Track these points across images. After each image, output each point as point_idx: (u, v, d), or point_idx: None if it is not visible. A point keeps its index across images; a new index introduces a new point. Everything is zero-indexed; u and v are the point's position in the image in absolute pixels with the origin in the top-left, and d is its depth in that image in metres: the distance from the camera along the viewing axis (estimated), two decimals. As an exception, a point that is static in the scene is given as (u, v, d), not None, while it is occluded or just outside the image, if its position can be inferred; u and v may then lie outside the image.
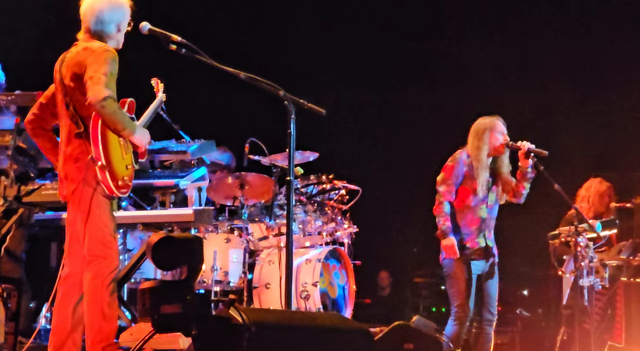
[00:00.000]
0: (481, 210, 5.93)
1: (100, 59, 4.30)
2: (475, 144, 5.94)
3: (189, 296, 3.39)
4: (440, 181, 5.92)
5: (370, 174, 9.13)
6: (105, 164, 4.31)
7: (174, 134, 6.41)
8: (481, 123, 6.02)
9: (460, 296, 5.81)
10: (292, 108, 4.48)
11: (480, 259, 5.90)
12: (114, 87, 4.32)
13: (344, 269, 6.98)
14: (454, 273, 5.85)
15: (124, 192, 4.48)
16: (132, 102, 4.67)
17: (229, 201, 7.04)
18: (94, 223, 4.36)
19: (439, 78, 10.30)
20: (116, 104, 4.28)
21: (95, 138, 4.30)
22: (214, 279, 6.46)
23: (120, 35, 4.57)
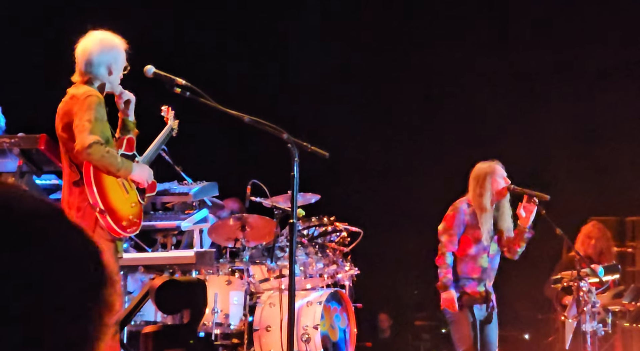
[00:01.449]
0: (482, 259, 5.93)
1: (84, 106, 4.34)
2: (477, 192, 5.92)
3: (192, 340, 3.37)
4: (442, 230, 5.91)
5: (371, 216, 9.12)
6: (103, 208, 4.31)
7: (176, 176, 6.41)
8: (481, 169, 6.01)
9: (466, 341, 5.79)
10: (296, 151, 4.50)
11: (481, 305, 5.89)
12: (102, 130, 4.35)
13: (345, 312, 6.94)
14: (458, 319, 5.83)
15: (132, 231, 4.49)
16: (130, 140, 4.69)
17: (230, 243, 7.02)
18: None
19: (439, 122, 10.36)
20: (103, 148, 4.29)
21: (89, 184, 4.32)
22: (214, 321, 6.40)
23: (114, 77, 4.57)
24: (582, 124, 9.91)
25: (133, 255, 6.00)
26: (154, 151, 5.03)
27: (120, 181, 4.50)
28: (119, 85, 4.64)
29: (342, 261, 7.07)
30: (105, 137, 4.43)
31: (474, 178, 6.00)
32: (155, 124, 5.22)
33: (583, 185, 9.72)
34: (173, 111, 5.25)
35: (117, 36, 4.65)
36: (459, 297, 5.83)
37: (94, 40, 4.56)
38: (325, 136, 9.82)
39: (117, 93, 4.65)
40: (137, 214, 4.55)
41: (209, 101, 4.60)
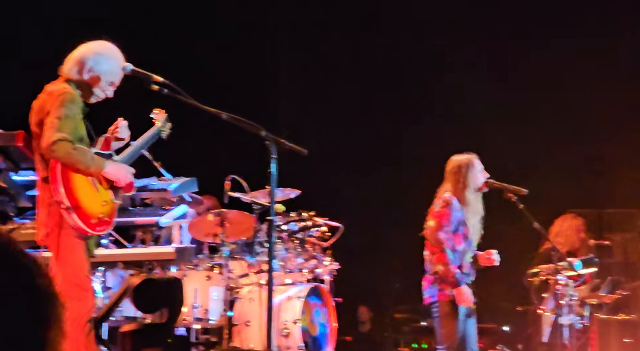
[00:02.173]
0: (468, 255, 5.95)
1: (56, 103, 4.35)
2: (460, 186, 5.91)
3: (170, 339, 3.38)
4: (436, 227, 5.82)
5: (351, 210, 9.14)
6: (69, 205, 4.30)
7: (155, 172, 6.40)
8: (460, 162, 5.99)
9: (451, 337, 5.80)
10: (274, 148, 4.52)
11: None
12: (72, 128, 4.34)
13: (325, 306, 6.96)
14: (447, 315, 5.82)
15: (101, 229, 4.48)
16: (107, 139, 4.69)
17: (210, 239, 7.03)
18: (68, 265, 4.36)
19: (419, 115, 10.38)
20: (69, 146, 4.28)
21: (54, 181, 4.32)
22: (194, 317, 6.42)
23: (98, 90, 4.57)
24: (562, 117, 9.97)
25: (112, 251, 5.98)
26: (135, 151, 5.02)
27: (91, 179, 4.48)
28: (98, 97, 4.61)
29: (322, 256, 7.10)
30: (78, 135, 4.42)
31: (453, 172, 5.96)
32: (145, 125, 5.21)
33: (561, 178, 9.79)
34: (166, 114, 5.23)
35: (122, 56, 4.63)
36: (451, 292, 5.82)
37: (97, 46, 4.57)
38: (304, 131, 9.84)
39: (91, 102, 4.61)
40: (108, 213, 4.54)
41: (187, 98, 4.61)
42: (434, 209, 5.92)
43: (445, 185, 6.00)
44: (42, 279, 1.22)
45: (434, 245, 5.83)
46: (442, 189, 6.02)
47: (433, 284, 5.89)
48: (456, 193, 5.90)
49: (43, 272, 1.23)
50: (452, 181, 5.95)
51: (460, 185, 5.90)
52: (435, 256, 5.82)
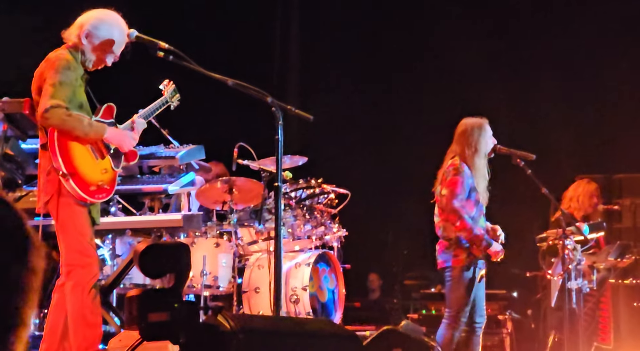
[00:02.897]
0: (481, 220, 5.94)
1: (52, 70, 4.34)
2: (470, 150, 5.86)
3: (177, 304, 3.38)
4: (450, 196, 5.76)
5: (359, 177, 9.13)
6: (66, 172, 4.29)
7: (163, 140, 6.40)
8: (471, 125, 5.93)
9: (460, 301, 5.81)
10: (280, 114, 4.50)
11: (483, 263, 5.91)
12: (68, 94, 4.32)
13: (334, 273, 6.99)
14: (459, 280, 5.83)
15: (101, 197, 4.47)
16: (109, 107, 4.67)
17: (218, 206, 7.04)
18: (69, 232, 4.36)
19: (427, 80, 10.33)
20: (63, 112, 4.26)
21: (52, 147, 4.31)
22: (203, 284, 6.46)
23: (96, 56, 4.54)
24: (570, 81, 9.90)
25: (120, 219, 6.02)
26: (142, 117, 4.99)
27: (90, 147, 4.47)
28: (96, 65, 4.58)
29: (330, 223, 7.10)
30: (77, 102, 4.40)
31: (465, 135, 5.90)
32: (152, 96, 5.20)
33: (570, 143, 9.74)
34: (174, 86, 5.21)
35: (126, 26, 4.60)
36: (466, 257, 5.83)
37: (98, 13, 4.56)
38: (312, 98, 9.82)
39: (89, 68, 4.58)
40: (108, 181, 4.53)
41: (192, 64, 4.58)
42: (445, 178, 5.86)
43: (455, 147, 5.95)
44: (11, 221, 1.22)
45: (450, 214, 5.78)
46: (450, 152, 5.98)
47: (447, 249, 5.87)
48: (466, 157, 5.85)
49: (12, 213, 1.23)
50: (463, 143, 5.88)
51: (472, 149, 5.86)
52: (454, 225, 5.78)
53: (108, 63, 4.61)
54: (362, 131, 10.42)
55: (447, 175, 5.85)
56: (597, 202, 7.71)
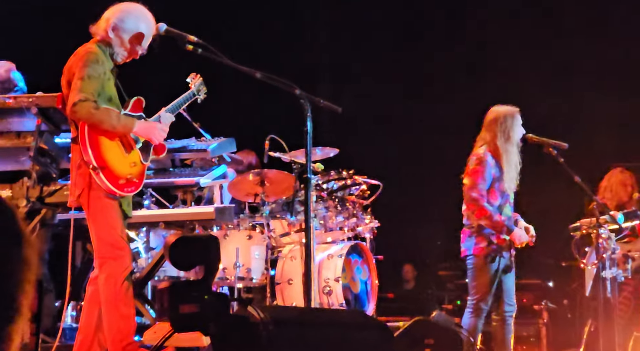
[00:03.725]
0: (506, 209, 5.93)
1: (80, 63, 4.37)
2: (502, 138, 5.86)
3: (207, 296, 3.41)
4: (470, 186, 5.82)
5: (391, 168, 9.12)
6: (96, 165, 4.33)
7: (195, 133, 6.44)
8: (504, 113, 5.92)
9: (482, 289, 5.83)
10: (308, 106, 4.50)
11: (506, 254, 5.90)
12: (96, 88, 4.34)
13: (366, 264, 6.99)
14: (480, 267, 5.85)
15: (130, 190, 4.49)
16: (137, 101, 4.69)
17: (250, 198, 7.07)
18: (101, 225, 4.40)
19: (459, 68, 10.28)
20: (91, 106, 4.28)
21: (83, 141, 4.35)
22: (236, 276, 6.50)
23: (125, 49, 4.56)
24: (607, 69, 9.79)
25: (154, 212, 6.07)
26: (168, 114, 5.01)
27: (119, 140, 4.50)
28: (123, 58, 4.61)
29: (362, 214, 7.10)
30: (106, 95, 4.42)
31: (497, 122, 5.89)
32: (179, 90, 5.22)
33: (607, 131, 9.64)
34: (201, 78, 5.22)
35: (153, 19, 4.63)
36: (487, 246, 5.84)
37: (125, 6, 4.58)
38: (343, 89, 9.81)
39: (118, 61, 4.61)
40: (136, 174, 4.55)
41: (221, 57, 4.60)
42: (468, 167, 5.90)
43: (485, 134, 5.94)
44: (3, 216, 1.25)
45: (470, 202, 5.82)
46: (480, 139, 5.97)
47: (470, 238, 5.92)
48: (497, 145, 5.85)
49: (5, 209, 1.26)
50: (495, 131, 5.88)
51: (505, 136, 5.86)
52: (474, 213, 5.82)
53: (136, 55, 4.64)
54: (394, 121, 10.39)
55: (470, 164, 5.88)
56: (631, 191, 7.63)
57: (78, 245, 6.62)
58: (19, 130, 5.50)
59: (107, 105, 4.41)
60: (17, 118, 5.44)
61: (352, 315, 4.45)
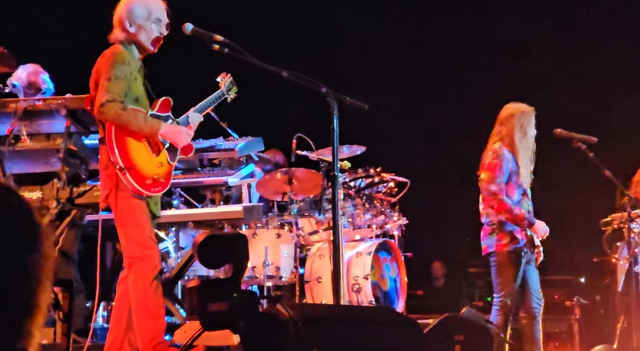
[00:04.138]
0: (525, 203, 5.90)
1: (106, 65, 4.39)
2: (519, 136, 5.85)
3: (236, 294, 3.42)
4: (488, 180, 5.80)
5: (418, 165, 9.09)
6: (123, 166, 4.34)
7: (222, 132, 6.46)
8: (520, 110, 5.93)
9: (507, 286, 5.79)
10: (335, 104, 4.50)
11: (530, 250, 5.87)
12: (123, 88, 4.36)
13: (395, 261, 6.98)
14: (505, 264, 5.83)
15: (157, 190, 4.50)
16: (165, 101, 4.70)
17: (278, 197, 7.08)
18: (128, 225, 4.42)
19: (487, 63, 10.22)
20: (118, 106, 4.30)
21: (110, 142, 4.36)
22: (266, 274, 6.51)
23: (144, 34, 4.56)
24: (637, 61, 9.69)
25: (183, 211, 6.10)
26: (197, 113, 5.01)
27: (146, 140, 4.52)
28: (155, 42, 4.61)
29: (390, 212, 7.09)
30: (133, 95, 4.44)
31: (513, 119, 5.89)
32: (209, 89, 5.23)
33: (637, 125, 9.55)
34: (231, 77, 5.23)
35: None
36: (509, 242, 5.82)
37: (124, 1, 4.59)
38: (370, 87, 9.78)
39: (152, 50, 4.63)
40: (163, 174, 4.56)
41: (247, 56, 4.60)
42: (484, 162, 5.88)
43: (500, 130, 5.92)
44: (21, 209, 1.27)
45: (488, 197, 5.79)
46: (495, 135, 5.95)
47: (491, 235, 5.89)
48: (512, 140, 5.84)
49: (22, 202, 1.28)
50: (511, 126, 5.87)
51: (522, 132, 5.85)
52: (494, 208, 5.79)
53: (164, 32, 4.61)
54: (420, 118, 10.36)
55: (486, 159, 5.86)
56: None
57: (108, 245, 6.66)
58: (49, 132, 5.54)
59: (134, 105, 4.43)
60: (47, 120, 5.49)
61: (382, 312, 4.44)
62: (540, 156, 6.07)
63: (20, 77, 5.85)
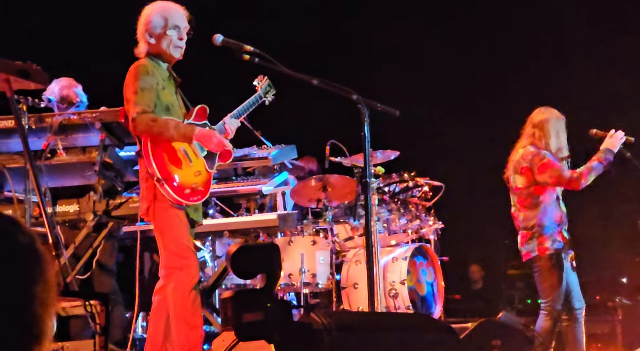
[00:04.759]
0: (561, 204, 5.85)
1: (131, 78, 4.42)
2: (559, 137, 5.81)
3: (269, 304, 3.44)
4: (556, 175, 5.71)
5: (453, 168, 9.04)
6: (160, 177, 4.37)
7: (256, 141, 6.49)
8: (556, 115, 5.87)
9: (554, 291, 5.72)
10: (365, 110, 4.51)
11: (570, 251, 5.82)
12: (150, 99, 4.38)
13: (431, 266, 6.96)
14: (549, 267, 5.75)
15: (196, 199, 4.51)
16: (201, 109, 4.71)
17: (313, 204, 7.10)
18: (167, 236, 4.43)
19: (519, 69, 10.15)
20: (149, 118, 4.32)
21: (146, 154, 4.38)
22: (302, 281, 6.53)
23: (165, 41, 4.56)
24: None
25: (218, 220, 6.13)
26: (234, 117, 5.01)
27: (183, 149, 4.53)
28: (175, 49, 4.62)
29: (426, 216, 7.08)
30: (163, 105, 4.45)
31: (548, 122, 5.83)
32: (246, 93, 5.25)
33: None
34: (268, 80, 5.21)
35: (165, 2, 4.64)
36: (551, 244, 5.75)
37: (145, 13, 4.63)
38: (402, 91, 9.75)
39: (176, 57, 4.66)
40: (202, 183, 4.56)
41: (278, 65, 4.62)
42: (529, 166, 5.77)
43: (532, 132, 5.86)
44: (23, 237, 1.29)
45: (571, 183, 5.69)
46: (527, 137, 5.88)
47: (531, 239, 5.80)
48: (547, 143, 5.79)
49: (24, 230, 1.30)
50: (546, 130, 5.81)
51: (557, 137, 5.80)
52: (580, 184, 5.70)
53: (184, 37, 4.60)
54: (454, 121, 10.31)
55: (531, 163, 5.75)
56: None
57: (146, 256, 6.72)
58: (84, 145, 5.59)
59: (165, 114, 4.44)
60: (82, 134, 5.54)
61: (417, 319, 4.43)
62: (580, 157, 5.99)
63: (54, 92, 5.92)
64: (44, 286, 1.27)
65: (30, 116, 5.33)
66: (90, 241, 5.52)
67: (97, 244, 5.52)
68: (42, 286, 1.27)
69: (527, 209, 5.81)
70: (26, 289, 1.25)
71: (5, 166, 5.36)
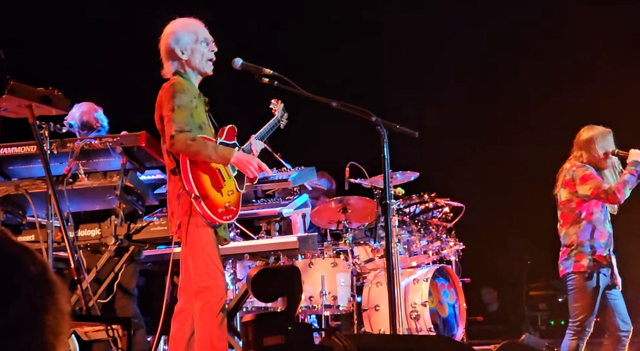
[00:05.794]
0: (608, 224, 5.79)
1: (167, 96, 4.42)
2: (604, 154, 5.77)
3: (291, 327, 3.44)
4: (595, 186, 5.65)
5: (473, 189, 9.02)
6: (198, 195, 4.38)
7: (275, 163, 6.50)
8: (601, 133, 5.83)
9: (585, 310, 5.65)
10: (385, 132, 4.51)
11: (608, 270, 5.73)
12: (187, 116, 4.39)
13: (453, 287, 6.93)
14: (582, 286, 5.67)
15: (228, 218, 4.51)
16: (231, 129, 4.74)
17: (333, 225, 7.09)
18: (197, 254, 4.43)
19: (541, 90, 10.13)
20: (187, 137, 4.32)
21: (185, 171, 4.40)
22: (323, 304, 6.51)
23: (194, 57, 4.58)
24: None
25: (238, 243, 6.13)
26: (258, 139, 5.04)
27: (217, 168, 4.55)
28: (207, 63, 4.66)
29: (446, 237, 7.05)
30: (196, 123, 4.47)
31: (593, 143, 5.80)
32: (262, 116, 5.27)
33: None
34: (282, 104, 5.27)
35: (193, 20, 4.68)
36: (587, 263, 5.69)
37: (166, 33, 4.65)
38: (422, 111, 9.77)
39: (208, 72, 4.69)
40: (234, 202, 4.58)
41: (297, 88, 4.64)
42: (572, 179, 5.73)
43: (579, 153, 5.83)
44: (35, 267, 1.30)
45: (609, 197, 5.64)
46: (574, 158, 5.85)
47: (569, 256, 5.73)
48: (597, 161, 5.76)
49: (35, 259, 1.31)
50: (592, 149, 5.78)
51: (605, 153, 5.77)
52: (618, 199, 5.66)
53: (214, 49, 4.65)
54: (474, 141, 10.29)
55: (574, 175, 5.72)
56: None
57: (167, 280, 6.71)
58: (105, 170, 5.62)
59: (199, 132, 4.45)
60: (103, 158, 5.57)
61: (439, 341, 4.40)
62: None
63: (75, 117, 5.97)
64: (55, 314, 1.29)
65: (52, 142, 5.38)
66: (112, 265, 5.54)
67: (118, 268, 5.54)
68: (54, 314, 1.28)
69: (569, 225, 5.75)
70: (37, 318, 1.27)
71: (28, 191, 5.39)
